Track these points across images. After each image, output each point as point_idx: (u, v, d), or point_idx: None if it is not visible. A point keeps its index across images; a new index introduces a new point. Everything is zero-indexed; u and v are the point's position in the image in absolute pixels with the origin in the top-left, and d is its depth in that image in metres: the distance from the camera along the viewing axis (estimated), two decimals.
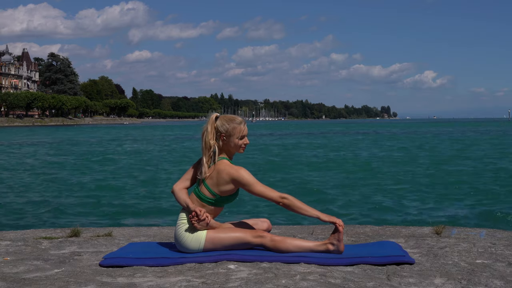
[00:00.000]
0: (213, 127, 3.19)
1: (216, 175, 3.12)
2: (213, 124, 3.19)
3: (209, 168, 3.16)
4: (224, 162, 3.15)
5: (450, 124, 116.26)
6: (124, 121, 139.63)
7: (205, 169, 3.15)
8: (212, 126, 3.19)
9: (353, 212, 9.70)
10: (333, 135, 52.42)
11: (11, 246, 3.57)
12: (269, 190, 3.10)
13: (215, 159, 3.17)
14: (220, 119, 3.20)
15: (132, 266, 2.94)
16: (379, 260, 2.95)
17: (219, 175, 3.11)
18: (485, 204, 10.19)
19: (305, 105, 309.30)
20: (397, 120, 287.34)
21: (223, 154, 3.20)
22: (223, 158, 3.18)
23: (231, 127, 3.17)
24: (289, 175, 16.15)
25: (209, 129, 3.18)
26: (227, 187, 3.12)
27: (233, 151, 3.22)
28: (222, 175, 3.11)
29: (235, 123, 3.19)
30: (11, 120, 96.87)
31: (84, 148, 31.17)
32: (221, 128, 3.17)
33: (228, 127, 3.17)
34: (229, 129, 3.17)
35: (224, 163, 3.14)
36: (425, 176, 15.24)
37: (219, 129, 3.18)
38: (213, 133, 3.18)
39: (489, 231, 4.01)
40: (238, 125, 3.19)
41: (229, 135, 3.17)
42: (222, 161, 3.16)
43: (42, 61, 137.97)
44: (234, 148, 3.20)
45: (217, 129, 3.18)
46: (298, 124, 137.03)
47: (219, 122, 3.19)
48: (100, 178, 15.59)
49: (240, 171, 3.09)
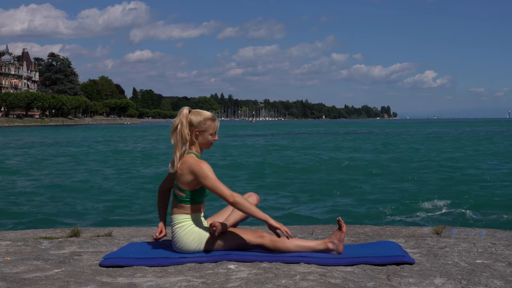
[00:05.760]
0: (187, 121, 3.14)
1: (181, 170, 3.09)
2: (187, 118, 3.14)
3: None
4: (191, 156, 3.10)
5: (449, 124, 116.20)
6: (124, 121, 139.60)
7: (176, 163, 3.11)
8: (186, 120, 3.13)
9: (353, 212, 9.70)
10: (332, 135, 52.43)
11: (11, 246, 3.57)
12: (223, 187, 3.03)
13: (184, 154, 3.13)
14: (193, 113, 3.16)
15: (132, 266, 2.93)
16: (379, 260, 2.95)
17: (182, 169, 3.08)
18: (485, 204, 10.18)
19: (305, 105, 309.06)
20: (396, 120, 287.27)
21: (193, 150, 3.15)
22: (191, 153, 3.13)
23: (206, 122, 3.14)
24: (288, 175, 16.15)
25: (184, 122, 3.12)
26: (190, 180, 3.07)
27: (203, 147, 3.19)
28: (185, 168, 3.07)
29: (209, 119, 3.15)
30: (11, 120, 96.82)
31: (83, 148, 31.16)
32: (195, 122, 3.12)
33: (202, 122, 3.13)
34: (204, 124, 3.13)
35: (191, 157, 3.10)
36: (425, 176, 15.23)
37: (193, 123, 3.13)
38: (187, 127, 3.13)
39: (489, 231, 4.00)
40: (213, 121, 3.16)
41: (202, 130, 3.14)
42: (190, 155, 3.11)
43: (42, 61, 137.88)
44: (205, 144, 3.17)
45: (190, 123, 3.13)
46: (296, 124, 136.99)
47: (193, 116, 3.14)
48: (100, 178, 15.59)
49: (200, 163, 3.05)
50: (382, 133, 57.74)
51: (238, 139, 43.69)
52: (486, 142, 35.10)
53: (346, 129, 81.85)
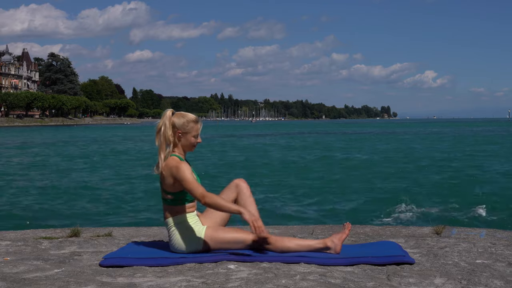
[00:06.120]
0: (170, 123, 3.15)
1: (165, 172, 3.10)
2: (170, 120, 3.15)
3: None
4: (173, 158, 3.11)
5: (449, 124, 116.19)
6: (124, 121, 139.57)
7: (161, 164, 3.12)
8: (169, 122, 3.15)
9: (353, 212, 9.70)
10: (331, 135, 52.44)
11: (11, 246, 3.57)
12: (196, 189, 3.02)
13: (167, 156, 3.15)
14: (176, 115, 3.17)
15: (132, 266, 2.93)
16: (379, 260, 2.95)
17: (165, 172, 3.10)
18: (485, 204, 10.18)
19: (305, 105, 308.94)
20: (396, 120, 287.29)
21: (176, 152, 3.17)
22: (174, 155, 3.15)
23: (188, 124, 3.15)
24: (288, 175, 16.15)
25: (168, 124, 3.14)
26: (172, 182, 3.09)
27: (186, 149, 3.19)
28: (166, 170, 3.09)
29: (192, 121, 3.16)
30: (11, 120, 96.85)
31: (83, 148, 31.17)
32: (178, 124, 3.14)
33: (185, 124, 3.15)
34: (187, 126, 3.15)
35: (172, 159, 3.11)
36: (425, 176, 15.24)
37: (176, 125, 3.14)
38: (170, 128, 3.15)
39: (489, 231, 4.01)
40: (195, 123, 3.17)
41: (185, 132, 3.15)
42: (172, 157, 3.13)
43: (42, 61, 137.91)
44: (188, 145, 3.18)
45: (173, 125, 3.15)
46: (296, 124, 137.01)
47: (175, 118, 3.16)
48: (100, 178, 15.59)
49: (179, 165, 3.06)
50: (383, 133, 57.75)
51: (238, 139, 43.71)
52: (486, 142, 35.10)
53: (346, 129, 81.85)
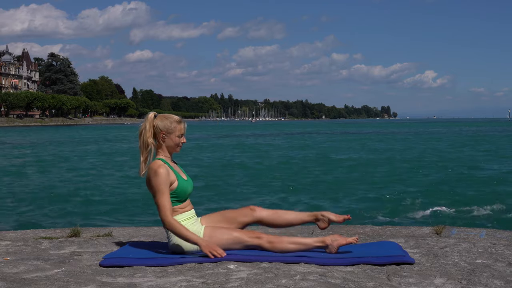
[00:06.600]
0: (151, 126, 3.15)
1: (148, 176, 3.10)
2: (151, 123, 3.16)
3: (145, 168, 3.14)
4: (155, 162, 3.11)
5: (449, 124, 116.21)
6: (124, 121, 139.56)
7: (142, 167, 3.13)
8: (150, 125, 3.15)
9: (353, 212, 9.69)
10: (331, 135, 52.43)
11: (11, 246, 3.57)
12: (162, 206, 3.02)
13: (151, 159, 3.15)
14: (158, 117, 3.19)
15: (132, 266, 2.93)
16: (379, 260, 2.95)
17: (148, 173, 3.10)
18: (485, 204, 10.18)
19: (305, 105, 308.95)
20: (396, 120, 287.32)
21: (161, 155, 3.17)
22: (157, 159, 3.15)
23: (171, 124, 3.16)
24: (288, 175, 16.15)
25: (147, 127, 3.14)
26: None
27: (172, 150, 3.20)
28: (148, 172, 3.09)
29: (174, 121, 3.18)
30: (11, 120, 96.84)
31: (83, 148, 31.16)
32: (161, 126, 3.15)
33: (168, 125, 3.15)
34: (169, 126, 3.15)
35: (154, 163, 3.10)
36: (425, 176, 15.24)
37: (159, 127, 3.15)
38: (151, 131, 3.15)
39: (489, 231, 4.00)
40: (178, 123, 3.18)
41: (169, 133, 3.16)
42: (155, 161, 3.13)
43: (42, 61, 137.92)
44: (173, 146, 3.18)
45: (156, 127, 3.16)
46: (297, 124, 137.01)
47: (158, 120, 3.17)
48: (100, 178, 15.59)
49: (159, 169, 3.05)
50: (383, 133, 57.76)
51: (238, 139, 43.70)
52: (487, 142, 35.11)
53: (346, 129, 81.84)
